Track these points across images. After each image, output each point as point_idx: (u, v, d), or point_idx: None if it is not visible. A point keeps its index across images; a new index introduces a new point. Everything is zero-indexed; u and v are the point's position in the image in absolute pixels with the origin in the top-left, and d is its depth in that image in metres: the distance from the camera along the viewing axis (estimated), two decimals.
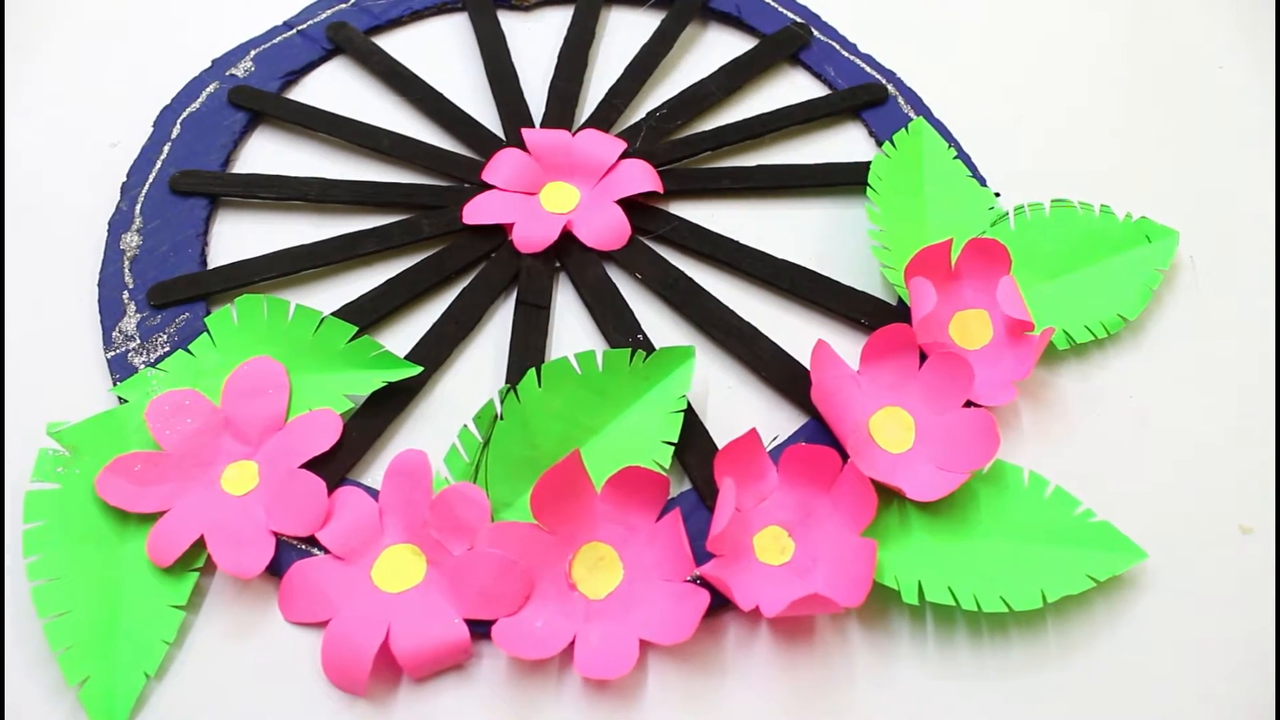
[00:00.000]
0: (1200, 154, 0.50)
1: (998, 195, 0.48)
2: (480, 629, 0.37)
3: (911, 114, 0.52)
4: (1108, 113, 0.54)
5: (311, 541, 0.39)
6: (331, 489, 0.40)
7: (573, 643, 0.37)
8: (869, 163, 0.48)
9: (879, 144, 0.51)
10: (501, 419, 0.40)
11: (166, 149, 0.50)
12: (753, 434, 0.40)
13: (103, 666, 0.37)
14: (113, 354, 0.43)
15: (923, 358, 0.42)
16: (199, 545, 0.39)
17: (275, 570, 0.39)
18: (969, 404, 0.41)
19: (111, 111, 0.52)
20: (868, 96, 0.52)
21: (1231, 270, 0.48)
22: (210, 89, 0.52)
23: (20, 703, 0.37)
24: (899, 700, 0.37)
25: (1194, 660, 0.38)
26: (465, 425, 0.41)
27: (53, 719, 0.36)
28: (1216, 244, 0.48)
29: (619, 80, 0.53)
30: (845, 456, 0.40)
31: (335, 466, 0.41)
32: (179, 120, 0.51)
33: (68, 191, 0.49)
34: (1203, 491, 0.42)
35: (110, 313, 0.45)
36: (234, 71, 0.53)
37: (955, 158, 0.49)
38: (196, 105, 0.51)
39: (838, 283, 0.46)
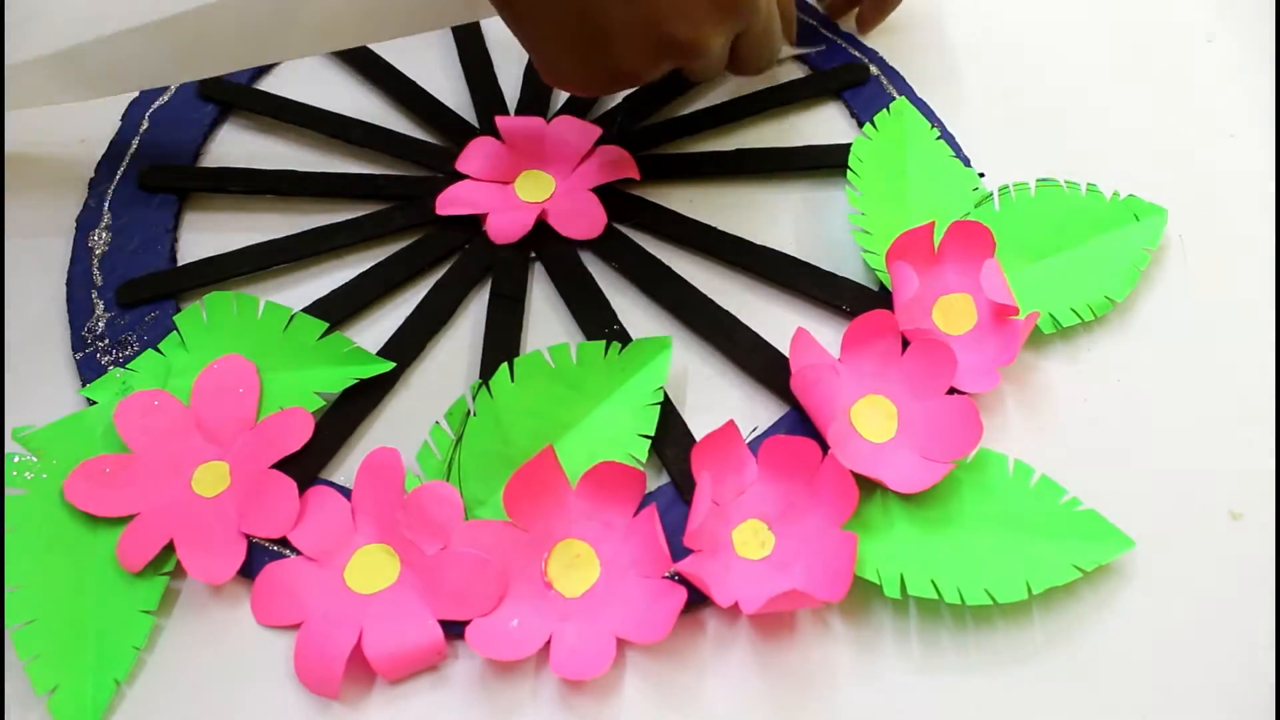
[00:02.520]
0: (1189, 129, 0.48)
1: (982, 176, 0.47)
2: (455, 629, 0.37)
3: (894, 93, 0.51)
4: (1094, 89, 0.52)
5: (284, 543, 0.39)
6: (303, 489, 0.39)
7: (549, 642, 0.36)
8: (850, 145, 0.47)
9: (860, 125, 0.49)
10: (474, 415, 0.40)
11: (135, 143, 0.49)
12: (730, 426, 0.39)
13: (72, 674, 0.36)
14: (81, 354, 0.43)
15: (905, 344, 0.41)
16: (169, 549, 0.38)
17: (248, 572, 0.38)
18: (953, 391, 0.40)
19: (78, 105, 0.51)
20: (849, 77, 0.51)
21: (1222, 249, 0.46)
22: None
23: None
24: (882, 696, 0.36)
25: (1183, 648, 0.37)
26: (437, 422, 0.40)
27: None
28: (1206, 222, 0.47)
29: None
30: (826, 447, 0.39)
31: (307, 465, 0.40)
32: (147, 114, 0.50)
33: (35, 187, 0.48)
34: (1193, 474, 0.41)
35: (79, 312, 0.44)
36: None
37: (938, 138, 0.48)
38: (166, 98, 0.50)
39: (818, 269, 0.45)
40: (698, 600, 0.37)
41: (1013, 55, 0.54)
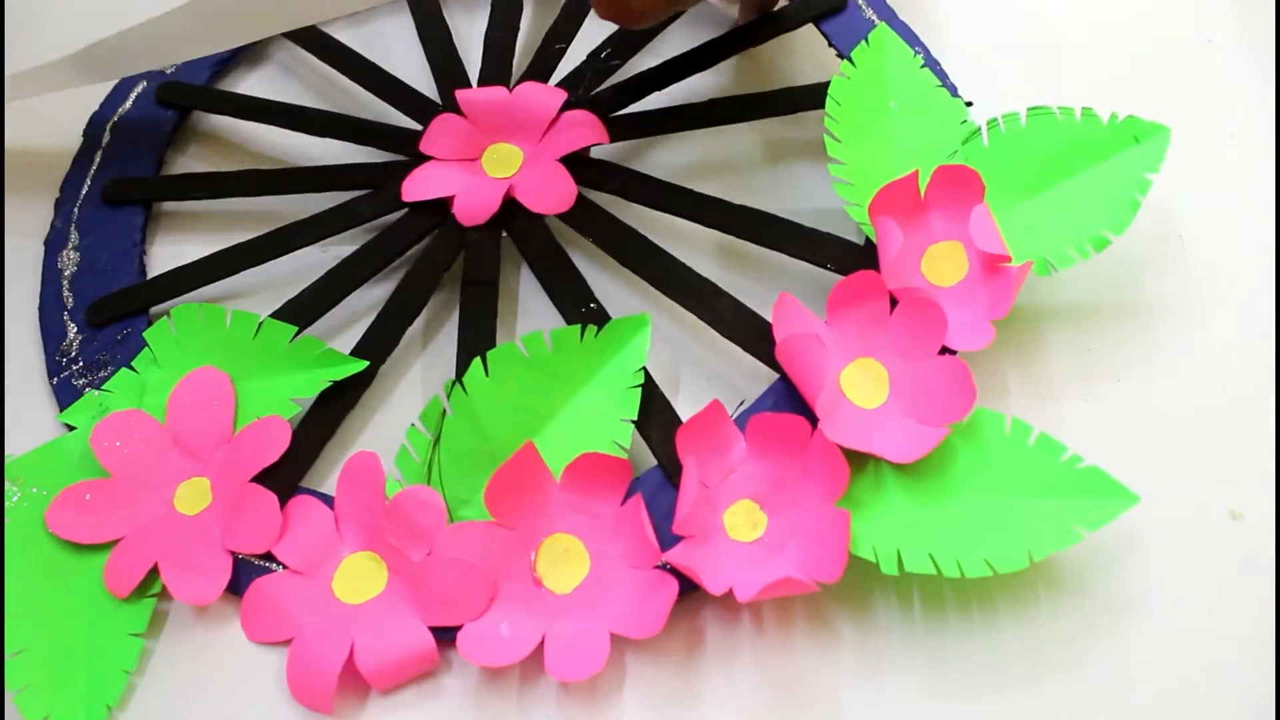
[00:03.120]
0: (1188, 129, 0.44)
1: (970, 105, 0.44)
2: (447, 634, 0.36)
3: (874, 19, 0.47)
4: (1094, 89, 0.48)
5: (270, 557, 0.38)
6: (285, 500, 0.38)
7: (542, 643, 0.35)
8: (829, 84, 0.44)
9: (841, 55, 0.47)
10: (450, 415, 0.38)
11: (98, 157, 0.48)
12: (715, 406, 0.37)
13: (63, 703, 0.36)
14: (57, 379, 0.42)
15: (894, 303, 0.39)
16: (155, 570, 0.38)
17: (235, 589, 0.38)
18: (946, 351, 0.38)
19: (40, 123, 0.50)
20: (825, 5, 0.48)
21: (1222, 249, 0.44)
22: (139, 89, 0.49)
23: None
24: (882, 677, 0.36)
25: (1183, 647, 0.36)
26: (413, 424, 0.39)
27: None
28: (1206, 222, 0.45)
29: (556, 21, 0.49)
30: (815, 420, 0.37)
31: (287, 475, 0.39)
32: (109, 125, 0.48)
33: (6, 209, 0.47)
34: (1193, 474, 0.39)
35: (52, 336, 0.43)
36: (161, 69, 0.50)
37: (923, 66, 0.45)
38: (127, 106, 0.49)
39: (800, 226, 0.42)
40: (693, 588, 0.36)
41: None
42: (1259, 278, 0.44)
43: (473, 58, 0.50)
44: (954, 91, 0.45)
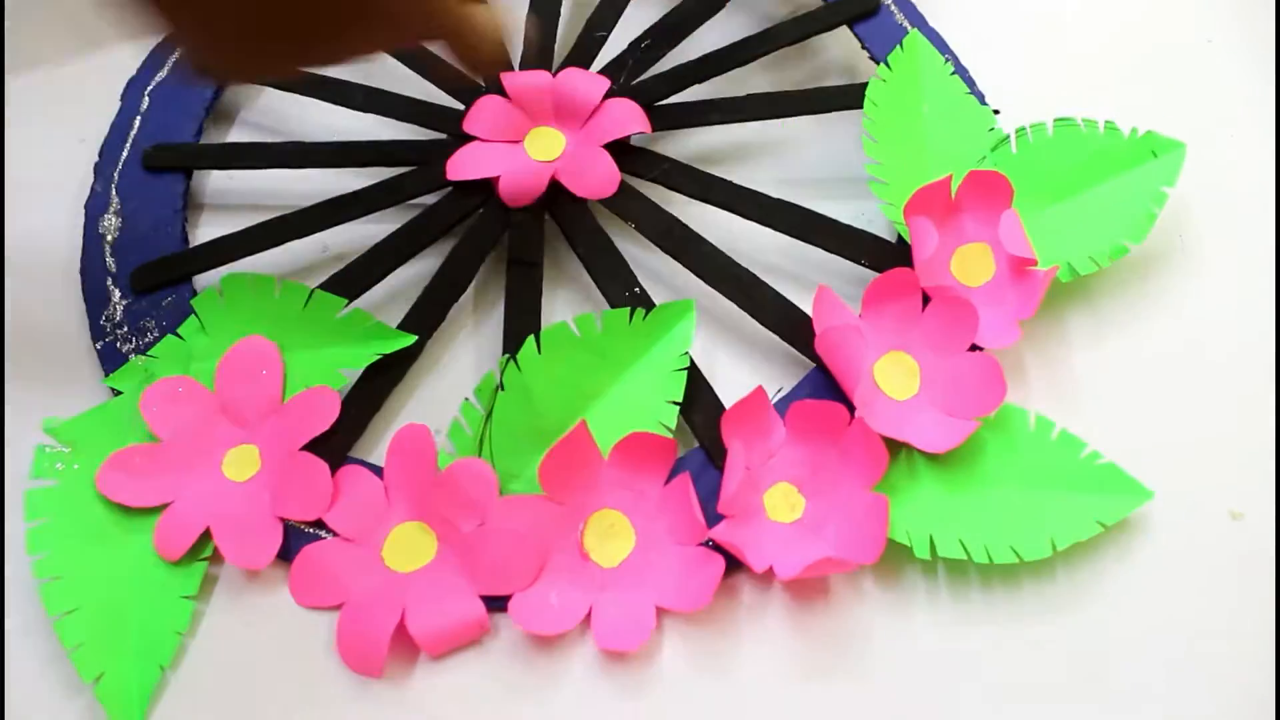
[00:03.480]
0: (1189, 129, 0.46)
1: (997, 112, 0.46)
2: (494, 603, 0.37)
3: (906, 24, 0.49)
4: (1093, 90, 0.50)
5: (319, 524, 0.39)
6: (334, 469, 0.39)
7: (589, 614, 0.37)
8: (864, 85, 0.46)
9: (873, 59, 0.48)
10: (503, 390, 0.40)
11: (137, 123, 0.48)
12: (759, 392, 0.39)
13: (116, 661, 0.37)
14: (101, 344, 0.43)
15: (926, 301, 0.41)
16: (206, 535, 0.38)
17: (284, 555, 0.39)
18: (974, 348, 0.40)
19: (76, 82, 0.50)
20: (858, 8, 0.50)
21: (1222, 248, 0.46)
22: (176, 55, 0.50)
23: (33, 701, 0.37)
24: (915, 655, 0.37)
25: (1182, 648, 0.37)
26: (466, 398, 0.40)
27: (67, 715, 0.37)
28: (1206, 222, 0.46)
29: (597, 9, 0.50)
30: (853, 409, 0.39)
31: (337, 445, 0.40)
32: (146, 92, 0.49)
33: (39, 173, 0.48)
34: (1193, 474, 0.40)
35: (95, 301, 0.43)
36: None
37: (953, 73, 0.47)
38: (163, 74, 0.49)
39: (836, 222, 0.44)
40: (732, 566, 0.38)
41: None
42: (1259, 277, 0.45)
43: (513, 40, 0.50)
44: (981, 99, 0.47)
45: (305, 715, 0.37)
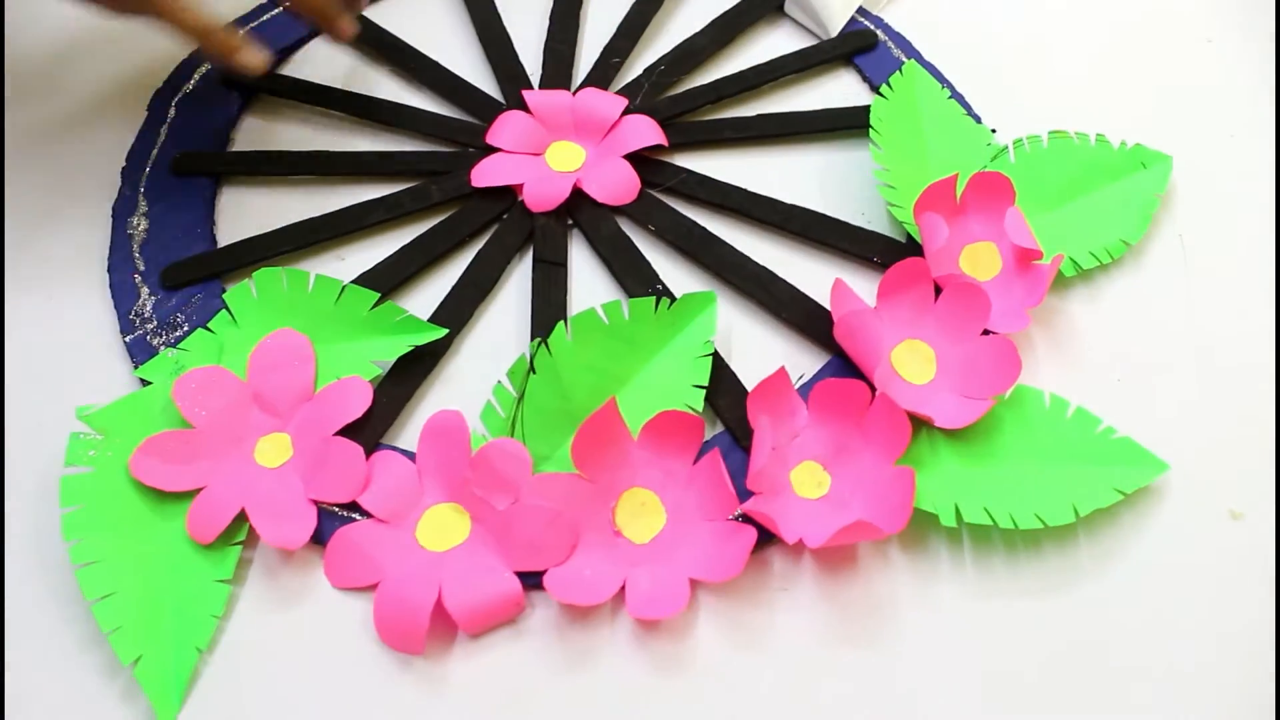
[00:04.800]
0: (1189, 129, 0.48)
1: (994, 132, 0.49)
2: (529, 581, 0.38)
3: (902, 58, 0.53)
4: (1093, 91, 0.52)
5: (352, 507, 0.40)
6: (367, 454, 0.40)
7: (623, 587, 0.38)
8: (867, 107, 0.49)
9: (873, 88, 0.51)
10: (534, 373, 0.41)
11: (164, 131, 0.49)
12: (782, 372, 0.40)
13: (154, 644, 0.37)
14: (131, 337, 0.43)
15: (937, 291, 0.43)
16: (239, 519, 0.39)
17: (317, 538, 0.39)
18: (986, 333, 0.42)
19: (100, 98, 0.51)
20: (858, 43, 0.53)
21: (1222, 249, 0.47)
22: (203, 69, 0.51)
23: (73, 683, 0.37)
24: (942, 621, 0.38)
25: (1182, 648, 0.38)
26: (499, 382, 0.41)
27: (107, 698, 0.36)
28: (1207, 222, 0.47)
29: (613, 38, 0.53)
30: (873, 389, 0.40)
31: (369, 432, 0.41)
32: (173, 103, 0.50)
33: (67, 179, 0.48)
34: (1193, 474, 0.41)
35: (124, 297, 0.44)
36: None
37: (950, 98, 0.50)
38: (190, 86, 0.51)
39: (848, 224, 0.47)
40: (762, 539, 0.38)
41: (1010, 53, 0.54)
42: (1259, 277, 0.46)
43: (528, 61, 0.53)
44: (978, 120, 0.50)
45: (342, 696, 0.37)
